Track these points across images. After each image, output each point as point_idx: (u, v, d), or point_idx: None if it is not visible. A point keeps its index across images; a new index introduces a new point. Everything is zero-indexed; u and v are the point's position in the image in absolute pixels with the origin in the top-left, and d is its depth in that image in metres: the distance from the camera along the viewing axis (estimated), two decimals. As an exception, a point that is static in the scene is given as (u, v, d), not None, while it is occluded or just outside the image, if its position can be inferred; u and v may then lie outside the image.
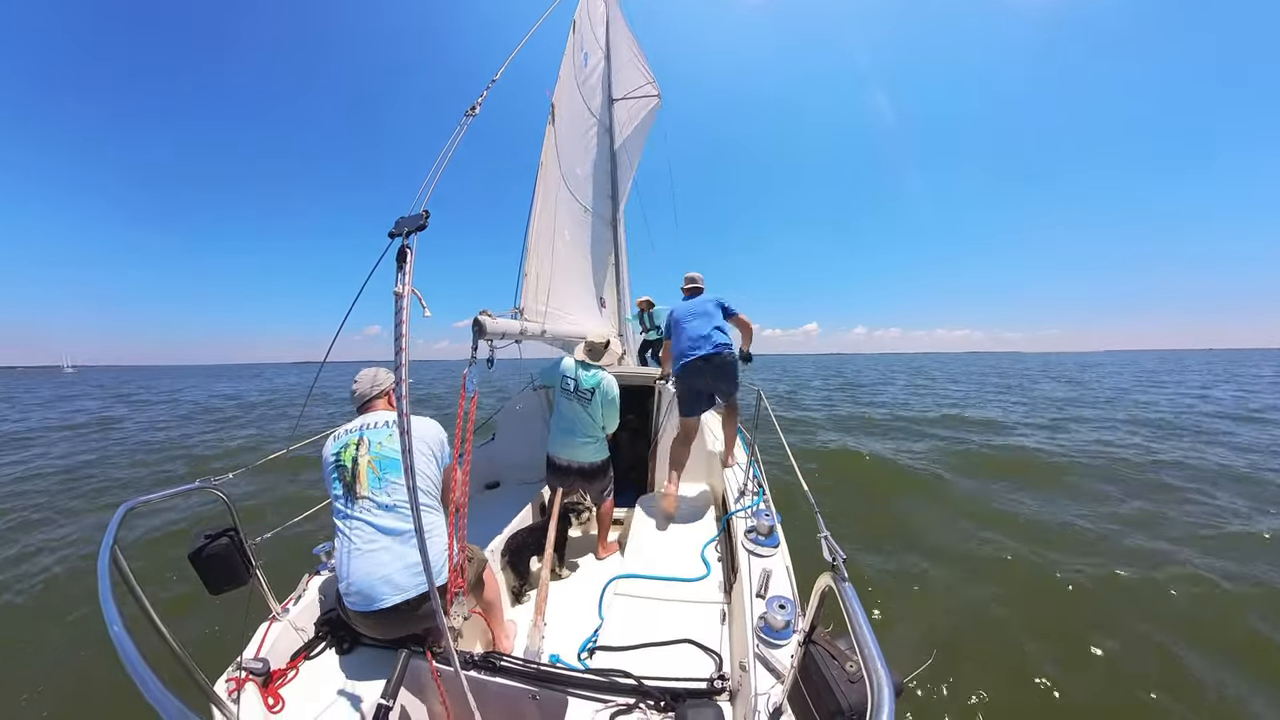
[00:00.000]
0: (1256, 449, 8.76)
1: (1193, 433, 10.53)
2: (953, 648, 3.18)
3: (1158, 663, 3.09)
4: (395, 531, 1.70)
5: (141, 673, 0.96)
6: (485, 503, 3.52)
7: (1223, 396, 18.18)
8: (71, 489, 7.34)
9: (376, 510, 1.72)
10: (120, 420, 15.92)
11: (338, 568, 1.72)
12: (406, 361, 1.27)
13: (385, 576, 1.63)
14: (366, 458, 1.78)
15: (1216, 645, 3.21)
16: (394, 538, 1.70)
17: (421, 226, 1.33)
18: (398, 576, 1.64)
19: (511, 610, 2.62)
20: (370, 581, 1.63)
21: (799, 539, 2.40)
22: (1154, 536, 4.90)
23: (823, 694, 1.22)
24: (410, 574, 1.65)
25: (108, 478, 8.08)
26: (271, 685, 1.58)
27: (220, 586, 1.70)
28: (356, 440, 1.82)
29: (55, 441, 11.67)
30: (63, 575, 4.40)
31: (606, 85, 5.47)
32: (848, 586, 0.99)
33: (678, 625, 1.94)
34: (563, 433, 3.06)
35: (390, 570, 1.64)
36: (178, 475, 8.44)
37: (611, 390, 3.02)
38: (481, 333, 1.98)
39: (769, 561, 2.09)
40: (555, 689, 1.55)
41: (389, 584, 1.63)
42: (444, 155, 1.72)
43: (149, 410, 19.23)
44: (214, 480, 1.69)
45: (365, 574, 1.64)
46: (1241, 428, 11.08)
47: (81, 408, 20.78)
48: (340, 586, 1.69)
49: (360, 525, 1.70)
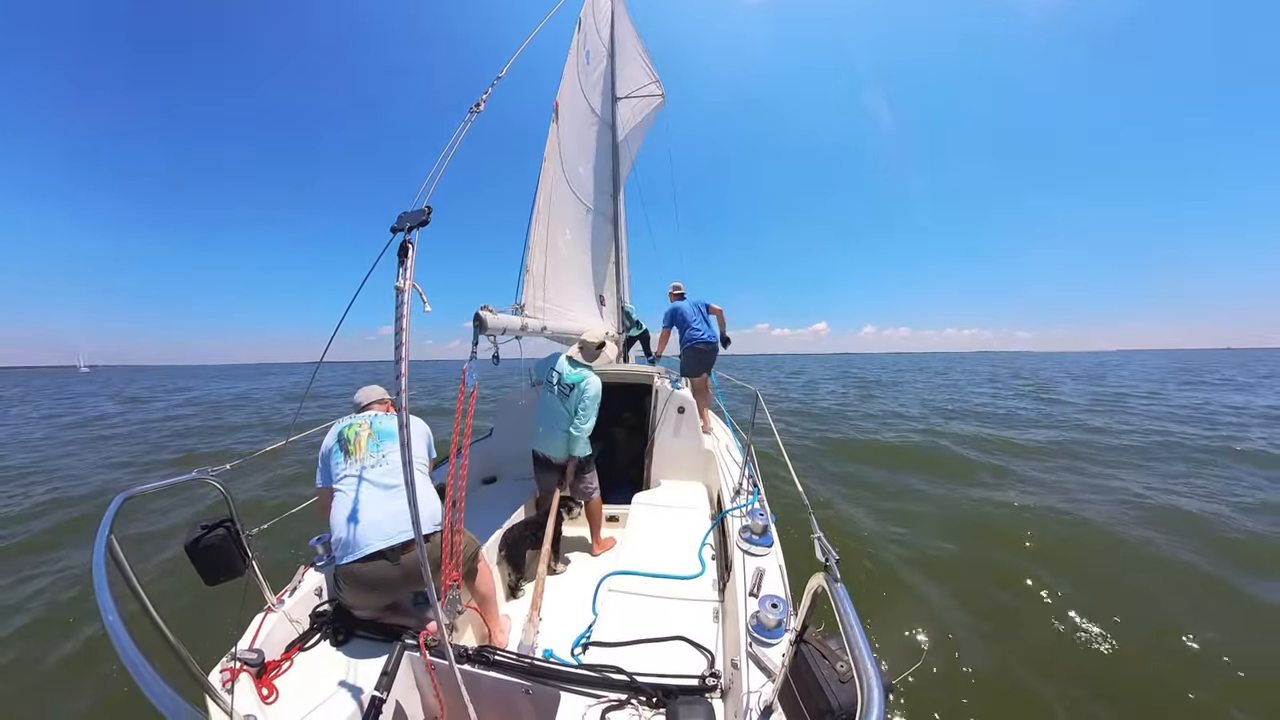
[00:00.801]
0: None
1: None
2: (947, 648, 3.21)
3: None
4: (385, 486, 1.89)
5: (136, 662, 0.97)
6: (482, 497, 3.54)
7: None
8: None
9: (370, 469, 1.92)
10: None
11: (333, 529, 1.83)
12: (407, 355, 1.28)
13: (373, 521, 1.78)
14: (367, 430, 2.05)
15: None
16: (384, 491, 1.88)
17: (424, 222, 1.34)
18: (385, 524, 1.79)
19: (506, 605, 2.64)
20: (358, 529, 1.76)
21: (798, 537, 2.42)
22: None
23: (813, 693, 1.24)
24: (396, 521, 1.79)
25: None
26: (266, 676, 1.58)
27: (216, 577, 1.70)
28: (361, 422, 2.10)
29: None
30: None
31: (610, 83, 5.46)
32: (840, 587, 1.00)
33: (671, 622, 1.95)
34: (543, 426, 3.08)
35: (378, 517, 1.80)
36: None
37: (591, 389, 2.97)
38: (482, 327, 1.99)
39: (762, 561, 2.10)
40: (548, 684, 1.56)
41: (375, 529, 1.77)
42: (448, 151, 1.73)
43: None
44: (211, 471, 1.69)
45: (354, 523, 1.77)
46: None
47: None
48: (334, 550, 1.81)
49: (353, 480, 1.89)
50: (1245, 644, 3.22)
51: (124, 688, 2.79)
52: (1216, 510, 5.56)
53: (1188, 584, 4.03)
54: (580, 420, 2.95)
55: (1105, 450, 8.94)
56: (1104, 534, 5.02)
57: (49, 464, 9.12)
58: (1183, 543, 4.73)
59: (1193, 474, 7.31)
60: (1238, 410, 13.95)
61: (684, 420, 3.93)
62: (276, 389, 32.49)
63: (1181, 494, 6.27)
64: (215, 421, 15.17)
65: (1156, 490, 6.42)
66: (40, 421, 16.02)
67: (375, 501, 1.85)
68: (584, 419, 2.96)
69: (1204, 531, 4.99)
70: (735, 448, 4.30)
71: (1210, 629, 3.36)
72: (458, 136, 1.82)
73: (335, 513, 1.85)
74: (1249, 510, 5.63)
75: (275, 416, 16.17)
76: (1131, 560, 4.50)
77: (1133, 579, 4.15)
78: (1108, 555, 4.61)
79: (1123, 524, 5.24)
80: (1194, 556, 4.44)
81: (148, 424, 14.80)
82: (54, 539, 5.18)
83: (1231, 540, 4.78)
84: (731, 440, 4.53)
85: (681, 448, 3.93)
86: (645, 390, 4.08)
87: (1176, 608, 3.69)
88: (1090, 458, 8.39)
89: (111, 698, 2.78)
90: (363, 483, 1.89)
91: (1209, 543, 4.73)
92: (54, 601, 3.81)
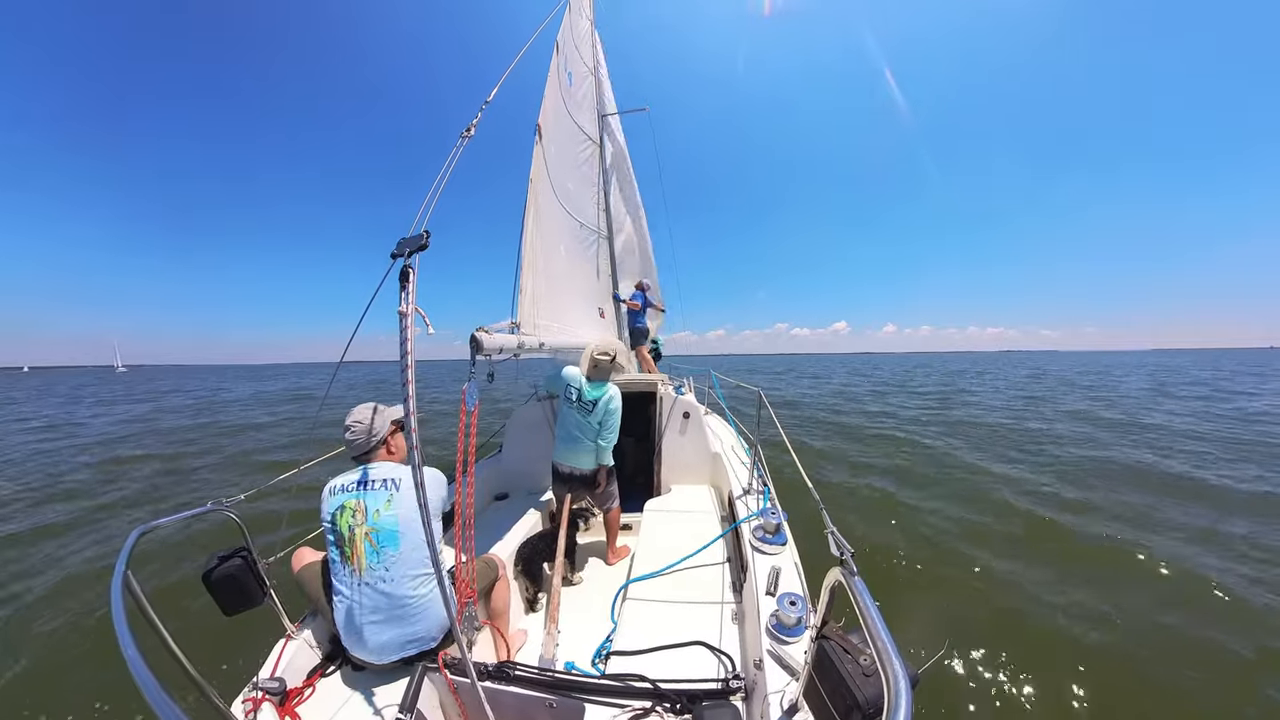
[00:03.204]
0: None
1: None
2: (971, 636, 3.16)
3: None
4: (391, 608, 1.70)
5: (157, 696, 0.95)
6: (494, 514, 3.54)
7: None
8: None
9: (375, 584, 1.70)
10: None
11: (336, 617, 1.73)
12: (413, 379, 1.29)
13: (380, 645, 1.69)
14: (363, 529, 1.72)
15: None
16: (393, 611, 1.70)
17: (423, 246, 1.37)
18: (391, 648, 1.70)
19: (525, 619, 2.63)
20: (369, 647, 1.69)
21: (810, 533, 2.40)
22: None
23: (838, 689, 1.23)
24: (404, 648, 1.71)
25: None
26: (288, 704, 1.58)
27: (235, 608, 1.71)
28: (354, 503, 1.75)
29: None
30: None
31: (594, 102, 5.57)
32: (857, 580, 1.00)
33: (690, 627, 1.95)
34: (566, 441, 3.08)
35: (384, 640, 1.69)
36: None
37: (614, 403, 3.03)
38: (479, 349, 1.99)
39: (777, 559, 2.10)
40: (572, 696, 1.55)
41: (388, 650, 1.70)
42: (442, 176, 1.77)
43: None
44: (225, 502, 1.71)
45: (364, 639, 1.68)
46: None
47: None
48: (340, 634, 1.73)
49: (359, 591, 1.70)
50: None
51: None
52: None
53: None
54: (606, 432, 3.02)
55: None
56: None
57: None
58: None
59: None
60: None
61: (689, 425, 3.95)
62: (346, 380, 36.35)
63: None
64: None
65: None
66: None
67: (384, 621, 1.69)
68: (610, 431, 3.03)
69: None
70: (741, 448, 4.30)
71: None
72: (450, 161, 1.86)
73: (339, 609, 1.72)
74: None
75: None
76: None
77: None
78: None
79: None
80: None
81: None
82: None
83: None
84: (737, 440, 4.54)
85: (688, 452, 3.94)
86: (650, 398, 4.10)
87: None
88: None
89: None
90: (364, 590, 1.69)
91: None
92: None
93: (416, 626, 1.72)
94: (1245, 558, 4.42)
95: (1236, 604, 3.69)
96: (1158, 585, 4.05)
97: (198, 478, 8.74)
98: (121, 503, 7.12)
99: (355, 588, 1.70)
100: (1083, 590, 3.90)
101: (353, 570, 1.71)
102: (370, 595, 1.69)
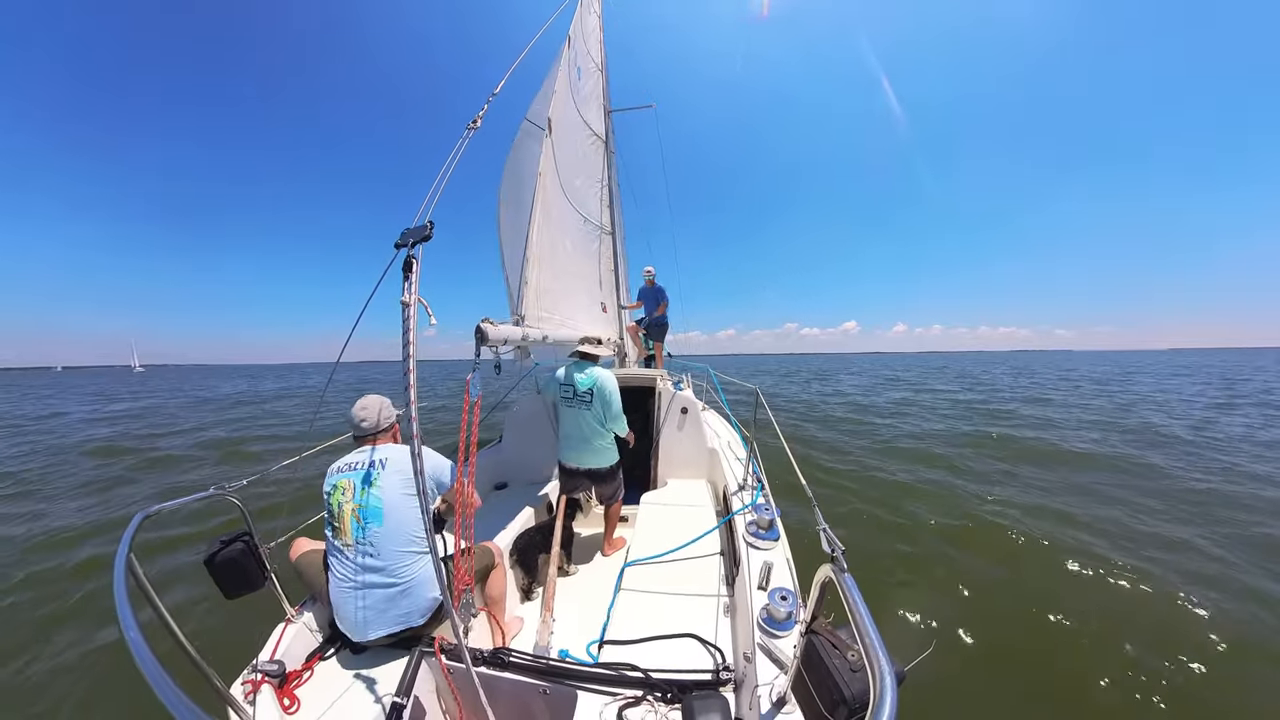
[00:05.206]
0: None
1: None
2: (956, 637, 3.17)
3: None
4: (378, 581, 1.73)
5: (157, 677, 0.97)
6: (493, 503, 3.57)
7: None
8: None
9: (360, 558, 1.74)
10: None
11: (330, 592, 1.77)
12: (414, 368, 1.32)
13: (365, 621, 1.71)
14: (350, 505, 1.77)
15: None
16: (378, 585, 1.73)
17: (426, 237, 1.38)
18: (383, 620, 1.73)
19: (521, 607, 2.66)
20: (355, 620, 1.71)
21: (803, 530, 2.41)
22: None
23: (825, 683, 1.25)
24: (395, 621, 1.74)
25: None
26: (287, 686, 1.60)
27: (235, 591, 1.74)
28: (345, 482, 1.82)
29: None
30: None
31: (602, 97, 5.56)
32: (848, 577, 1.01)
33: (683, 618, 1.97)
34: (570, 440, 3.05)
35: (375, 613, 1.72)
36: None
37: (607, 384, 2.97)
38: (484, 340, 2.02)
39: (770, 554, 2.12)
40: (565, 683, 1.57)
41: (373, 625, 1.72)
42: (447, 167, 1.78)
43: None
44: (228, 486, 1.73)
45: (351, 611, 1.71)
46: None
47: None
48: (334, 614, 1.77)
49: (347, 564, 1.75)
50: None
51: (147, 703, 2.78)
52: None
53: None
54: (611, 420, 2.99)
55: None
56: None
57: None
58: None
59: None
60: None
61: (687, 420, 3.97)
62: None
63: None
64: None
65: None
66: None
67: (369, 593, 1.72)
68: (614, 416, 3.00)
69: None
70: (738, 444, 4.33)
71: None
72: (457, 152, 1.88)
73: (332, 583, 1.77)
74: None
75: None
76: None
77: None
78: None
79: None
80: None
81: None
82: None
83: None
84: (734, 437, 4.56)
85: (686, 447, 3.96)
86: (649, 392, 4.12)
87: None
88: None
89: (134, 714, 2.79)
90: (356, 569, 1.74)
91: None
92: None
93: (403, 603, 1.74)
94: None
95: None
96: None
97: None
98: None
99: (344, 563, 1.75)
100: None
101: (344, 546, 1.76)
102: (357, 571, 1.73)
